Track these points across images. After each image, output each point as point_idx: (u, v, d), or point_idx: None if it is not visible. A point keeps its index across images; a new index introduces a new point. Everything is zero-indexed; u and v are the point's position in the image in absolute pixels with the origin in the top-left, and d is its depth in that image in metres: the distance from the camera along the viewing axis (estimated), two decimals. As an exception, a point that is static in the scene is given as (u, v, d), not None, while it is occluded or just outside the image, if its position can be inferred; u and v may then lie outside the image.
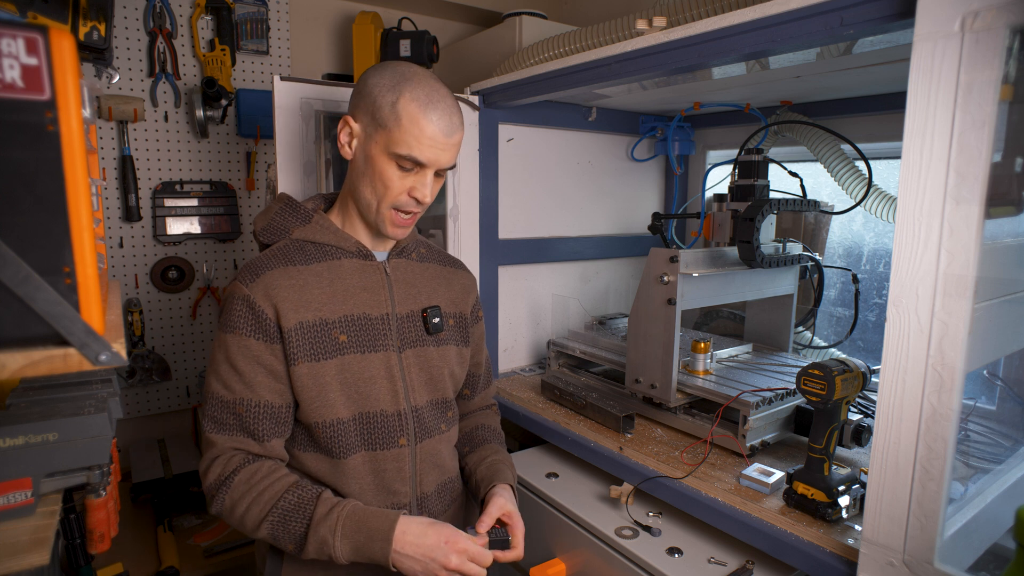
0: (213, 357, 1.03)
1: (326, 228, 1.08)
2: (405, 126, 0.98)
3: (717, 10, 1.24)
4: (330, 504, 0.98)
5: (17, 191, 0.52)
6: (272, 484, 0.99)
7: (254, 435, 1.01)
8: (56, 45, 0.52)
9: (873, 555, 0.90)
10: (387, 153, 1.00)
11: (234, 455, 1.01)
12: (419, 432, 1.10)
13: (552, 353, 1.83)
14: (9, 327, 0.53)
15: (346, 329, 1.04)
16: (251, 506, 0.97)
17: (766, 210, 1.37)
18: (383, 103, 0.99)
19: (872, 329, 1.74)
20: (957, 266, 0.79)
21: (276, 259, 1.04)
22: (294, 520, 0.97)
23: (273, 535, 0.98)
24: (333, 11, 2.30)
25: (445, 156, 1.02)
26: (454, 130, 1.02)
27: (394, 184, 1.02)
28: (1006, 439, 1.24)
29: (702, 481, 1.21)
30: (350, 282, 1.07)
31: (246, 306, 1.00)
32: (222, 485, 0.99)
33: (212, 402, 1.01)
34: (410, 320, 1.11)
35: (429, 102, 0.99)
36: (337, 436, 1.03)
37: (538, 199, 1.94)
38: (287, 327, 1.00)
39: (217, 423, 1.01)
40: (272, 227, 1.10)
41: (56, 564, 0.85)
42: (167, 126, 2.01)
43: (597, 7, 2.40)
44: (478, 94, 1.74)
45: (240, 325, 1.00)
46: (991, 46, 0.74)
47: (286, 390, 1.02)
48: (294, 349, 1.00)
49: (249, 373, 1.00)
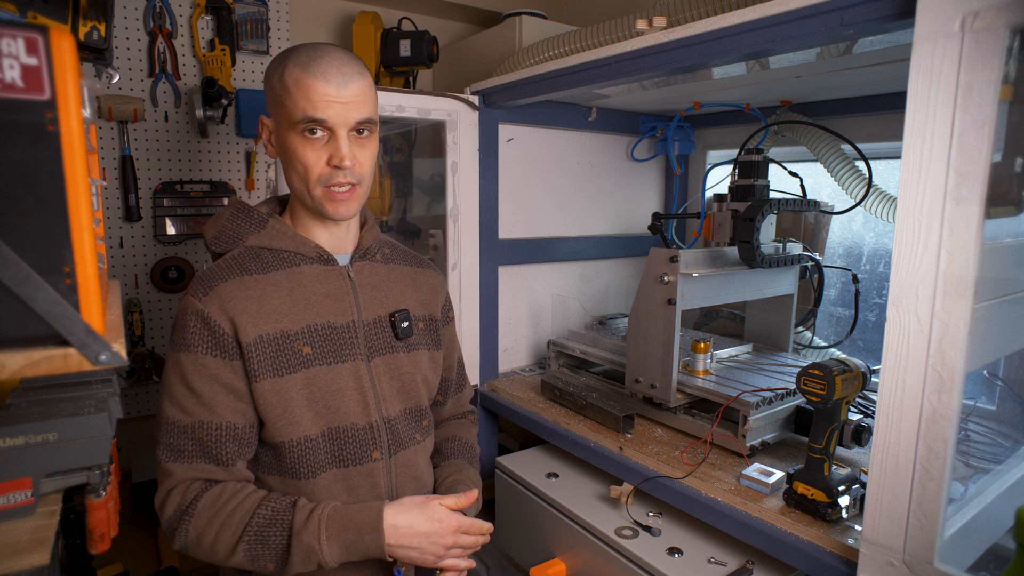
0: (166, 379, 0.95)
1: (282, 233, 1.02)
2: (294, 92, 0.93)
3: (717, 10, 1.24)
4: (308, 510, 0.93)
5: (17, 191, 0.52)
6: (241, 503, 0.93)
7: (217, 459, 0.95)
8: (56, 45, 0.52)
9: (873, 555, 0.90)
10: (292, 129, 0.94)
11: (192, 483, 0.94)
12: (393, 444, 1.05)
13: (552, 353, 1.83)
14: (9, 327, 0.53)
15: (310, 340, 0.98)
16: (221, 530, 0.91)
17: (766, 210, 1.37)
18: (274, 83, 0.96)
19: (872, 329, 1.74)
20: (957, 266, 0.79)
21: (230, 269, 0.98)
22: (273, 534, 0.91)
23: (251, 556, 0.92)
24: (333, 11, 2.30)
25: (348, 110, 0.94)
26: (347, 80, 0.94)
27: (309, 158, 0.95)
28: (1006, 439, 1.24)
29: (702, 481, 1.21)
30: (312, 290, 1.01)
31: (200, 321, 0.94)
32: (183, 515, 0.92)
33: (167, 428, 0.94)
34: (377, 326, 1.05)
35: (311, 61, 0.93)
36: (305, 455, 0.98)
37: (538, 199, 1.94)
38: (246, 342, 0.94)
39: (174, 451, 0.94)
40: (224, 234, 1.03)
41: (56, 564, 0.85)
42: (167, 126, 2.01)
43: (597, 7, 2.40)
44: (478, 94, 1.74)
45: (195, 342, 0.93)
46: (991, 46, 0.74)
47: (248, 409, 0.96)
48: (255, 365, 0.94)
49: (207, 394, 0.93)
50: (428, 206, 1.99)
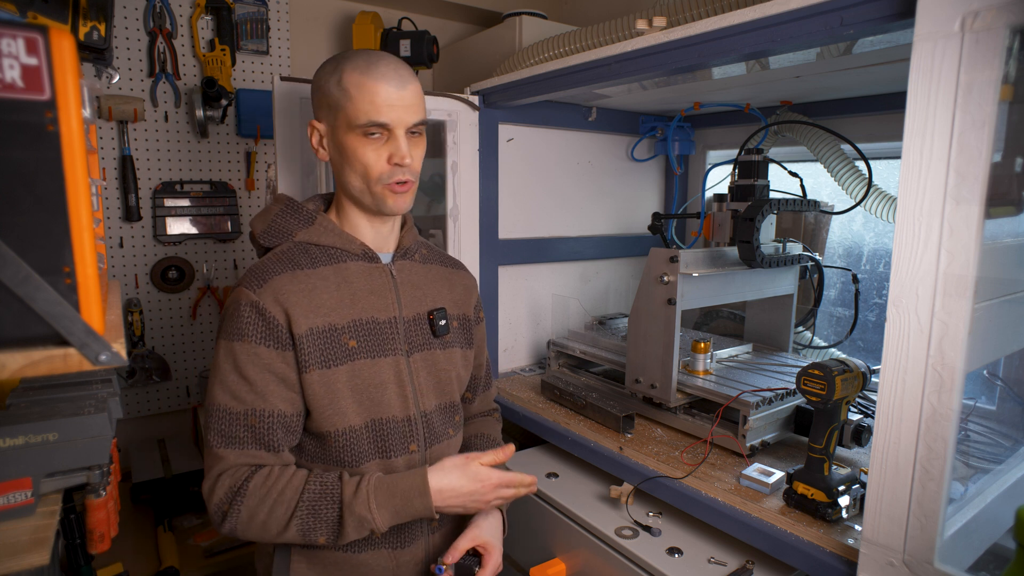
0: (217, 367, 0.99)
1: (330, 230, 1.06)
2: (355, 96, 0.98)
3: (717, 10, 1.24)
4: (355, 482, 0.97)
5: (17, 191, 0.52)
6: (290, 481, 0.97)
7: (268, 446, 0.98)
8: (56, 45, 0.52)
9: (873, 555, 0.90)
10: (352, 131, 0.99)
11: (241, 468, 0.97)
12: (429, 438, 1.09)
13: (552, 353, 1.83)
14: (9, 327, 0.53)
15: (355, 334, 1.02)
16: (274, 508, 0.95)
17: (766, 210, 1.37)
18: (330, 88, 1.00)
19: (872, 329, 1.74)
20: (957, 266, 0.79)
21: (282, 263, 1.02)
22: (324, 507, 0.95)
23: (303, 530, 0.96)
24: (333, 11, 2.30)
25: (407, 112, 1.00)
26: (405, 83, 1.00)
27: (370, 158, 1.00)
28: (1006, 439, 1.24)
29: (702, 481, 1.21)
30: (357, 285, 1.05)
31: (255, 312, 0.97)
32: (236, 496, 0.95)
33: (219, 415, 0.97)
34: (416, 323, 1.10)
35: (369, 66, 0.98)
36: (350, 444, 1.02)
37: (538, 199, 1.94)
38: (298, 333, 0.98)
39: (226, 437, 0.97)
40: (273, 229, 1.07)
41: (56, 564, 0.85)
42: (167, 126, 2.01)
43: (597, 7, 2.40)
44: (478, 94, 1.74)
45: (249, 332, 0.97)
46: (991, 46, 0.74)
47: (297, 399, 1.00)
48: (306, 356, 0.98)
49: (260, 382, 0.97)
50: (428, 206, 1.99)
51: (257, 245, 1.10)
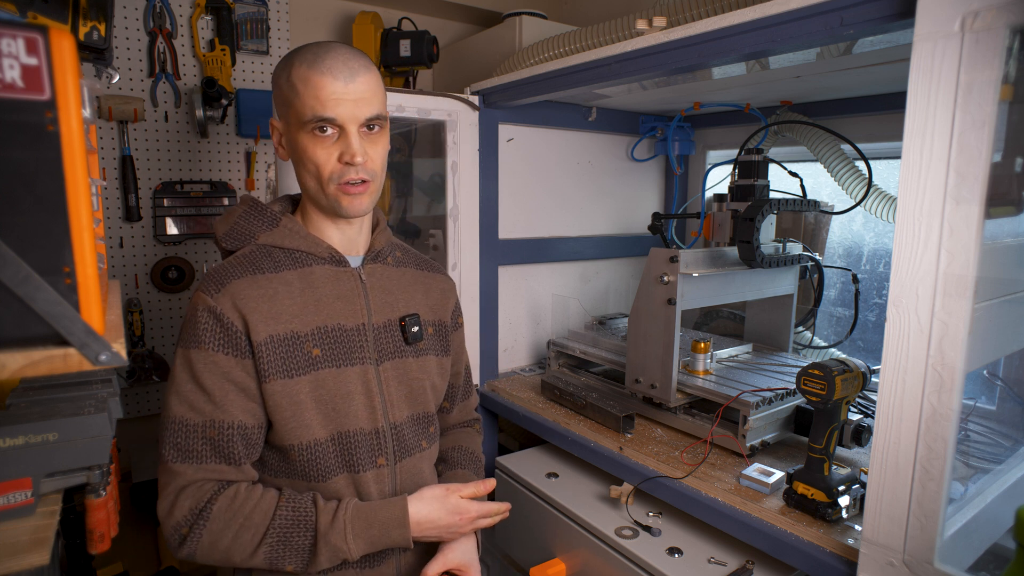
0: (173, 377, 0.93)
1: (295, 232, 1.01)
2: (302, 91, 0.92)
3: (717, 10, 1.24)
4: (331, 510, 0.93)
5: (17, 191, 0.52)
6: (258, 504, 0.91)
7: (228, 459, 0.93)
8: (56, 45, 0.52)
9: (873, 555, 0.90)
10: (302, 128, 0.93)
11: (204, 484, 0.91)
12: (398, 451, 1.04)
13: (552, 353, 1.83)
14: (9, 327, 0.53)
15: (319, 342, 0.97)
16: (239, 533, 0.89)
17: (766, 210, 1.37)
18: (282, 84, 0.95)
19: (872, 329, 1.74)
20: (957, 266, 0.79)
21: (242, 267, 0.96)
22: (296, 535, 0.91)
23: (271, 558, 0.91)
24: (333, 11, 2.30)
25: (357, 107, 0.93)
26: (354, 74, 0.93)
27: (320, 157, 0.94)
28: (1006, 439, 1.24)
29: (702, 481, 1.21)
30: (323, 291, 0.99)
31: (212, 318, 0.92)
32: (198, 519, 0.89)
33: (175, 427, 0.91)
34: (387, 330, 1.04)
35: (315, 59, 0.92)
36: (315, 459, 0.97)
37: (538, 199, 1.94)
38: (257, 340, 0.92)
39: (183, 451, 0.91)
40: (236, 232, 1.01)
41: (56, 564, 0.85)
42: (167, 126, 2.01)
43: (597, 7, 2.40)
44: (478, 94, 1.74)
45: (206, 339, 0.91)
46: (991, 46, 0.74)
47: (258, 409, 0.95)
48: (266, 365, 0.93)
49: (219, 392, 0.91)
50: (428, 206, 1.99)
51: (220, 248, 1.04)
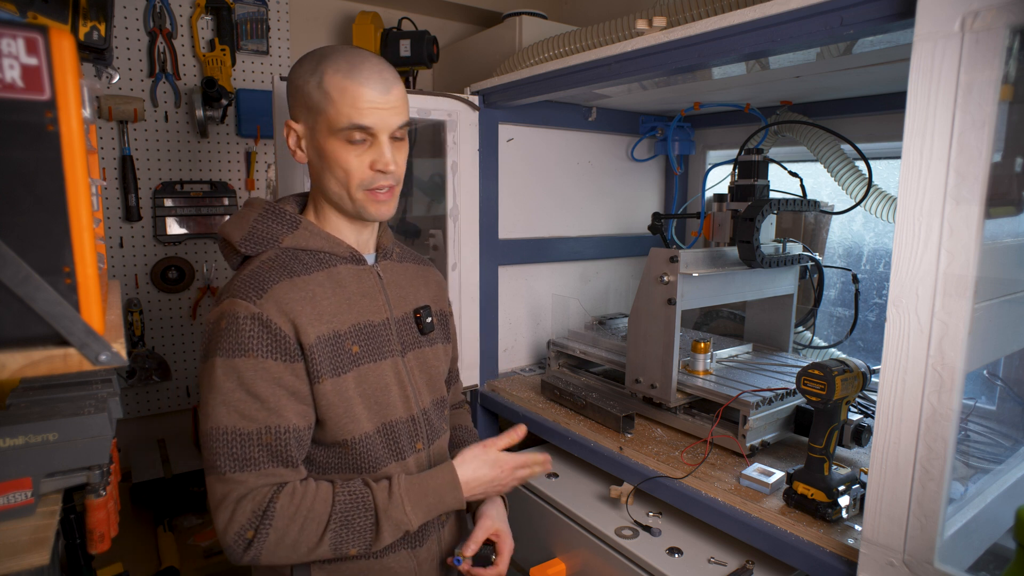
0: (216, 388, 0.91)
1: (316, 233, 1.02)
2: (337, 99, 0.93)
3: (717, 10, 1.24)
4: (386, 487, 0.97)
5: (17, 191, 0.52)
6: (317, 496, 0.93)
7: (286, 462, 0.93)
8: (56, 45, 0.52)
9: (873, 555, 0.90)
10: (333, 135, 0.95)
11: (261, 489, 0.91)
12: (430, 435, 1.10)
13: (552, 353, 1.83)
14: (9, 327, 0.53)
15: (357, 339, 1.00)
16: (305, 525, 0.91)
17: (766, 210, 1.37)
18: (310, 89, 0.95)
19: (872, 329, 1.74)
20: (957, 266, 0.79)
21: (277, 271, 0.97)
22: (358, 517, 0.94)
23: (336, 543, 0.93)
24: (333, 11, 2.30)
25: (391, 116, 0.96)
26: (389, 86, 0.96)
27: (352, 164, 0.96)
28: (1006, 439, 1.24)
29: (702, 481, 1.21)
30: (350, 289, 1.02)
31: (258, 325, 0.91)
32: (263, 520, 0.89)
33: (228, 438, 0.90)
34: (405, 323, 1.09)
35: (352, 68, 0.94)
36: (367, 451, 1.00)
37: (538, 199, 1.94)
38: (307, 343, 0.94)
39: (239, 460, 0.90)
40: (256, 236, 1.01)
41: (56, 564, 0.85)
42: (167, 126, 2.01)
43: (597, 7, 2.40)
44: (478, 94, 1.74)
45: (253, 346, 0.91)
46: (991, 46, 0.74)
47: (310, 411, 0.96)
48: (317, 366, 0.95)
49: (272, 398, 0.92)
50: (428, 206, 1.99)
51: (232, 253, 1.03)
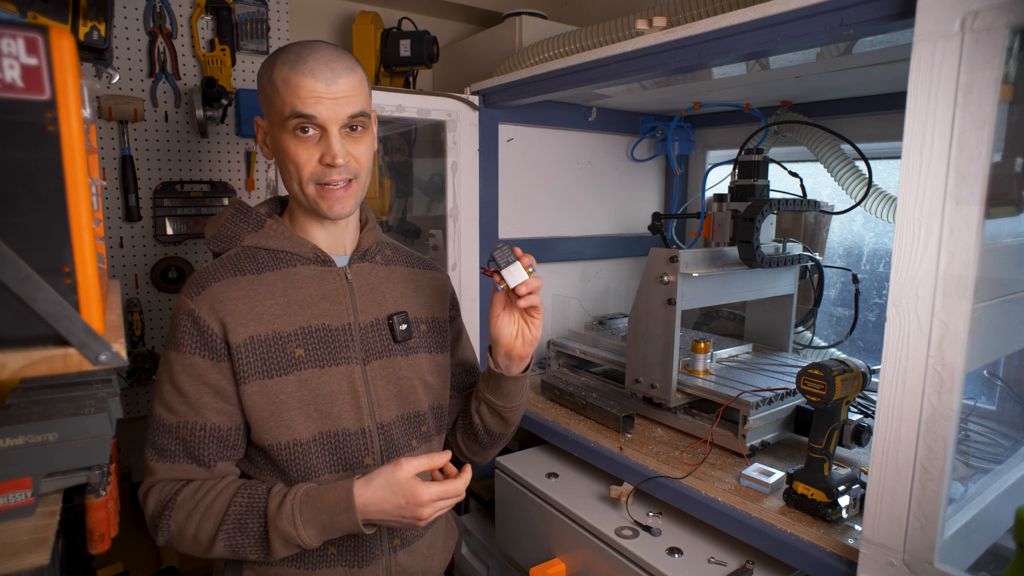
0: (157, 378, 0.97)
1: (279, 233, 1.01)
2: (282, 90, 0.92)
3: (717, 10, 1.24)
4: (281, 495, 0.91)
5: (17, 191, 0.52)
6: (220, 493, 0.92)
7: (199, 460, 0.94)
8: (56, 45, 0.52)
9: (873, 555, 0.90)
10: (282, 127, 0.93)
11: (168, 483, 0.94)
12: (386, 451, 1.02)
13: (552, 353, 1.83)
14: (9, 327, 0.53)
15: (303, 342, 0.97)
16: (202, 521, 0.91)
17: (766, 210, 1.37)
18: (265, 84, 0.95)
19: (872, 329, 1.74)
20: (957, 266, 0.79)
21: (225, 269, 0.98)
22: (250, 521, 0.91)
23: (231, 546, 0.91)
24: (333, 11, 2.30)
25: (338, 106, 0.92)
26: (336, 76, 0.92)
27: (301, 157, 0.94)
28: (1006, 439, 1.24)
29: (702, 481, 1.21)
30: (307, 291, 1.00)
31: (190, 321, 0.94)
32: (164, 510, 0.92)
33: (154, 427, 0.95)
34: (375, 329, 1.04)
35: (297, 59, 0.92)
36: (297, 458, 0.96)
37: (538, 199, 1.94)
38: (235, 343, 0.93)
39: (158, 450, 0.94)
40: (222, 234, 1.02)
41: (56, 564, 0.85)
42: (167, 126, 2.01)
43: (597, 7, 2.40)
44: (478, 94, 1.74)
45: (184, 342, 0.93)
46: (991, 46, 0.74)
47: (235, 411, 0.95)
48: (243, 367, 0.94)
49: (194, 394, 0.93)
50: (428, 206, 1.99)
51: (210, 251, 1.06)
